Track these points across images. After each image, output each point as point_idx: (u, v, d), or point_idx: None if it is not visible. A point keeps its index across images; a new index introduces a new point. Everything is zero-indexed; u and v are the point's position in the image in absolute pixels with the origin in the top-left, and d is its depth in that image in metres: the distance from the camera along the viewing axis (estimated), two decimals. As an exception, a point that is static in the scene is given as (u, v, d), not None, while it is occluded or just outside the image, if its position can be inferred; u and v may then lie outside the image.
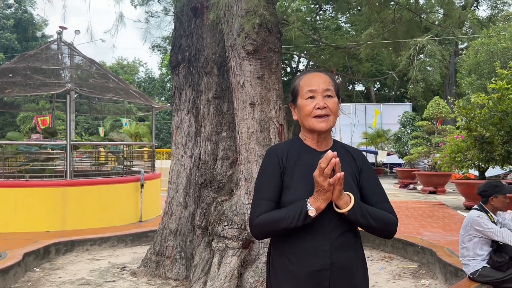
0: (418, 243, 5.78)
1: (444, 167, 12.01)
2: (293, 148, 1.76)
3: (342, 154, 1.72)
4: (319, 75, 1.75)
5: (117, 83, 9.43)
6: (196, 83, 4.96)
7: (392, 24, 5.77)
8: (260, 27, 3.88)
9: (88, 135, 27.51)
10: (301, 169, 1.68)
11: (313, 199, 1.56)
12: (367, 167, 1.79)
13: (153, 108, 10.07)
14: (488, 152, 9.16)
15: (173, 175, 5.02)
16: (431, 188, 15.20)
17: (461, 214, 9.89)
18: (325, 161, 1.49)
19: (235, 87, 4.14)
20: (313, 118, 1.68)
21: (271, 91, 4.12)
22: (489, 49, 16.62)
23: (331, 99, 1.70)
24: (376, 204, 1.69)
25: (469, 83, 17.00)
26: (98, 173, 8.77)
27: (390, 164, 26.45)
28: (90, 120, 31.45)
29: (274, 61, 4.10)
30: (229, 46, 4.06)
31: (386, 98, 35.53)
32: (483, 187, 3.91)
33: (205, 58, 4.84)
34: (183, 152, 4.95)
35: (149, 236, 6.58)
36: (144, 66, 52.07)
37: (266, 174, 1.72)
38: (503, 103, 8.33)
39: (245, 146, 4.10)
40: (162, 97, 42.59)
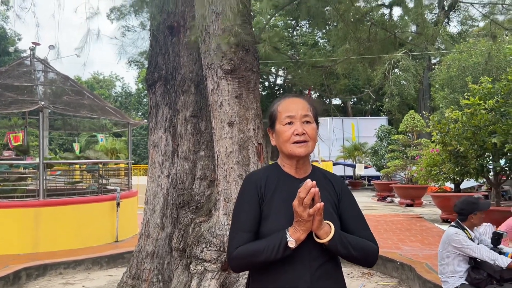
0: (397, 259, 5.79)
1: (420, 180, 12.19)
2: (271, 175, 1.72)
3: (321, 181, 1.69)
4: (298, 101, 1.72)
5: (92, 99, 9.26)
6: (173, 101, 4.89)
7: (367, 42, 5.86)
8: (238, 47, 3.86)
9: (62, 152, 26.92)
10: (280, 198, 1.64)
11: (293, 230, 1.52)
12: (346, 193, 1.77)
13: (129, 125, 9.92)
14: (462, 166, 9.34)
15: (149, 196, 4.90)
16: (408, 201, 15.39)
17: (438, 227, 10.01)
18: (304, 190, 1.45)
19: (212, 106, 4.09)
20: (292, 144, 1.65)
21: (249, 110, 4.08)
22: (460, 64, 17.10)
23: (309, 125, 1.68)
24: (356, 232, 1.67)
25: (443, 97, 17.41)
26: (73, 192, 8.54)
27: (368, 177, 26.75)
28: (64, 136, 30.81)
29: (252, 80, 4.08)
30: (207, 65, 4.03)
31: (362, 111, 36.10)
32: (462, 205, 3.94)
33: (182, 77, 4.78)
34: (160, 172, 4.85)
35: (125, 257, 6.41)
36: (121, 81, 51.64)
37: (244, 204, 1.67)
38: (476, 118, 8.53)
39: (224, 165, 4.04)
40: (139, 112, 42.18)
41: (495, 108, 8.76)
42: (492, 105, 8.65)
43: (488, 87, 9.09)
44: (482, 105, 8.54)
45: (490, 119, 8.60)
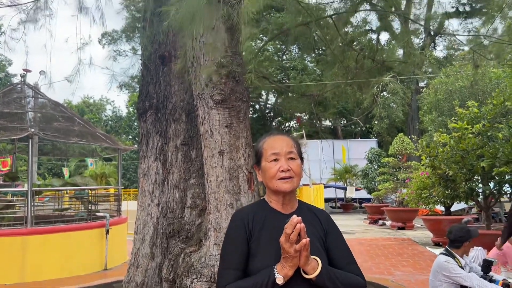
0: (389, 286, 5.76)
1: (411, 203, 12.25)
2: (258, 212, 1.75)
3: (307, 216, 1.73)
4: (282, 138, 1.79)
5: (83, 125, 9.24)
6: (164, 130, 4.90)
7: (355, 70, 5.97)
8: (228, 78, 3.91)
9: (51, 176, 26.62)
10: (267, 235, 1.67)
11: (280, 266, 1.54)
12: (333, 228, 1.80)
13: (119, 150, 9.88)
14: (452, 189, 9.42)
15: (139, 225, 4.85)
16: (400, 224, 15.40)
17: (430, 251, 10.01)
18: (290, 226, 1.48)
19: (203, 135, 4.11)
20: (278, 180, 1.70)
21: (239, 139, 4.11)
22: (447, 88, 17.41)
23: (294, 161, 1.73)
24: (344, 267, 1.69)
25: (431, 120, 17.66)
26: (61, 219, 8.41)
27: (359, 200, 26.76)
28: (54, 160, 30.54)
29: (242, 110, 4.12)
30: (197, 95, 4.07)
31: (352, 133, 36.38)
32: (459, 233, 3.95)
33: (173, 105, 4.81)
34: (150, 201, 4.82)
35: (115, 287, 6.28)
36: (112, 104, 51.55)
37: (232, 242, 1.70)
38: (464, 142, 8.66)
39: (214, 194, 4.03)
40: (129, 135, 42.05)
41: (482, 132, 8.91)
42: (479, 129, 8.80)
43: (475, 111, 9.27)
44: (469, 129, 8.68)
45: (478, 143, 8.73)
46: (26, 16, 4.85)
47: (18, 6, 4.72)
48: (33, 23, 4.73)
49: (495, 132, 8.94)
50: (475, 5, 24.23)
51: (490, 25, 5.22)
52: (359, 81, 6.97)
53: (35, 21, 4.56)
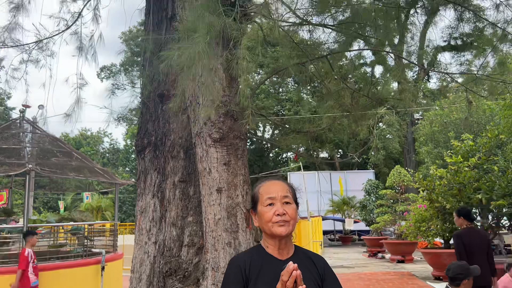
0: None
1: (410, 237, 12.16)
2: (255, 258, 1.77)
3: (303, 262, 1.75)
4: (278, 183, 1.83)
5: (81, 160, 9.25)
6: (162, 166, 4.92)
7: (350, 105, 6.07)
8: (226, 116, 3.98)
9: (46, 210, 26.37)
10: (264, 281, 1.69)
11: None
12: (329, 273, 1.81)
13: (116, 185, 9.85)
14: (450, 223, 9.39)
15: (136, 263, 4.79)
16: (399, 257, 15.23)
17: (430, 286, 9.86)
18: (287, 274, 1.50)
19: (201, 173, 4.14)
20: (274, 224, 1.73)
21: (237, 177, 4.13)
22: (442, 120, 17.62)
23: (289, 205, 1.77)
24: None
25: (427, 152, 17.78)
26: (56, 256, 8.29)
27: (357, 232, 26.51)
28: (50, 194, 30.32)
29: (240, 147, 4.17)
30: (196, 133, 4.12)
31: (349, 165, 36.42)
32: (458, 271, 3.93)
33: (171, 142, 4.85)
34: (147, 239, 4.78)
35: (110, 327, 6.15)
36: (109, 137, 51.67)
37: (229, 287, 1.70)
38: (460, 175, 8.71)
39: (212, 233, 4.02)
40: (126, 167, 41.95)
41: (478, 165, 8.98)
42: (475, 162, 8.87)
43: (470, 144, 9.36)
44: (465, 163, 8.75)
45: (474, 176, 8.79)
46: (28, 55, 4.96)
47: (21, 47, 4.83)
48: (34, 63, 4.82)
49: (491, 165, 9.01)
50: (467, 39, 24.83)
51: (484, 59, 5.36)
52: (354, 114, 7.07)
53: (36, 62, 4.66)
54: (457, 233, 5.59)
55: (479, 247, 5.30)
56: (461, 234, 5.42)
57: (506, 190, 8.32)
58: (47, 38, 4.57)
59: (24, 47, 4.65)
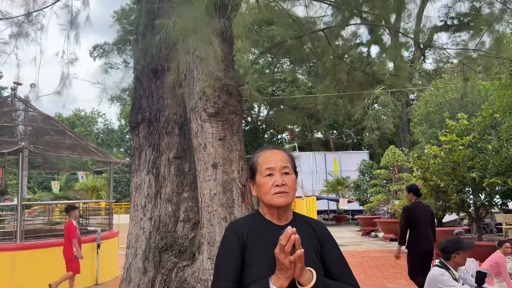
0: (383, 298, 5.74)
1: (403, 215, 12.26)
2: (253, 224, 1.74)
3: (302, 227, 1.72)
4: (277, 153, 1.78)
5: (74, 138, 9.19)
6: (156, 143, 4.88)
7: (346, 82, 6.02)
8: (221, 91, 3.93)
9: (41, 190, 26.30)
10: (262, 246, 1.66)
11: (275, 278, 1.53)
12: (328, 238, 1.79)
13: (111, 164, 9.82)
14: (443, 201, 9.47)
15: (131, 239, 4.80)
16: (392, 235, 15.39)
17: (422, 263, 10.00)
18: (285, 238, 1.48)
19: (196, 148, 4.10)
20: (272, 195, 1.69)
21: (233, 152, 4.11)
22: (437, 100, 17.61)
23: (289, 176, 1.73)
24: (340, 278, 1.68)
25: (422, 132, 17.80)
26: (51, 234, 8.30)
27: (351, 211, 26.76)
28: (44, 173, 30.22)
29: (236, 123, 4.13)
30: (191, 108, 4.07)
31: (344, 146, 36.51)
32: (445, 244, 3.97)
33: (166, 118, 4.80)
34: (142, 215, 4.78)
35: (106, 302, 6.20)
36: (103, 117, 51.35)
37: (226, 254, 1.68)
38: (454, 154, 8.74)
39: (208, 208, 4.01)
40: (121, 148, 41.81)
41: (473, 144, 9.01)
42: (469, 141, 8.89)
43: (465, 123, 9.37)
44: (459, 142, 8.77)
45: (468, 155, 8.82)
46: (17, 29, 4.85)
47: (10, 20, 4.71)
48: (24, 37, 4.71)
49: (485, 144, 9.04)
50: (463, 19, 24.67)
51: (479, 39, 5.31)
52: (350, 94, 7.04)
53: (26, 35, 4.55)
54: (406, 206, 6.58)
55: (424, 218, 6.30)
56: (410, 207, 6.44)
57: (499, 169, 8.37)
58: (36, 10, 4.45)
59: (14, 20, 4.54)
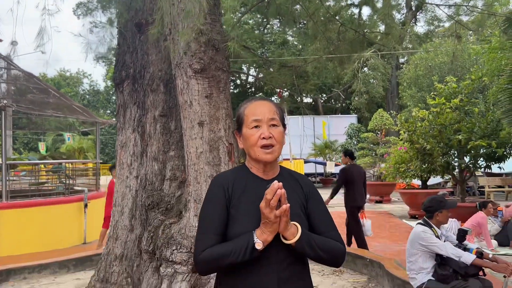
0: (367, 255, 5.88)
1: (389, 178, 12.46)
2: (239, 177, 1.71)
3: (289, 182, 1.70)
4: (264, 104, 1.72)
5: (59, 98, 8.99)
6: (141, 100, 4.78)
7: (336, 42, 5.91)
8: (207, 46, 3.81)
9: (27, 151, 26.04)
10: (247, 200, 1.63)
11: (260, 232, 1.52)
12: (314, 194, 1.78)
13: (97, 124, 9.68)
14: (429, 163, 9.59)
15: (118, 197, 4.78)
16: (378, 198, 15.70)
17: (406, 223, 10.25)
18: (271, 192, 1.45)
19: (182, 106, 4.02)
20: (259, 149, 1.65)
21: (220, 110, 4.04)
22: (427, 64, 17.54)
23: (276, 128, 1.68)
24: (324, 233, 1.67)
25: (410, 95, 17.83)
26: (38, 193, 8.26)
27: (338, 175, 27.08)
28: (29, 135, 29.84)
29: (223, 80, 4.04)
30: (176, 64, 3.96)
31: (333, 109, 36.55)
32: (429, 203, 4.03)
33: (150, 75, 4.68)
34: (128, 173, 4.74)
35: (94, 260, 6.24)
36: (89, 78, 50.30)
37: (210, 206, 1.65)
38: (442, 116, 8.78)
39: (194, 166, 3.98)
40: (107, 110, 41.29)
41: (460, 107, 9.05)
42: (457, 104, 8.92)
43: (453, 86, 9.36)
44: (447, 105, 8.79)
45: (455, 118, 8.87)
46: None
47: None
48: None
49: (472, 107, 9.09)
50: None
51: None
52: (340, 56, 6.94)
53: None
54: (343, 168, 7.58)
55: (359, 178, 7.26)
56: (346, 169, 7.42)
57: (485, 131, 8.46)
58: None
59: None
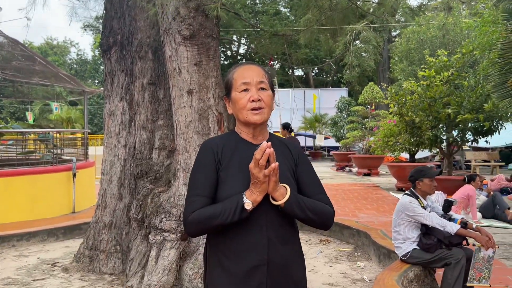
0: (353, 226, 5.97)
1: (377, 151, 12.56)
2: (228, 141, 1.71)
3: (278, 146, 1.70)
4: (253, 68, 1.71)
5: (45, 65, 8.80)
6: (129, 68, 4.70)
7: (329, 11, 5.82)
8: (196, 11, 3.72)
9: (14, 121, 25.66)
10: (237, 163, 1.64)
11: (249, 192, 1.53)
12: (303, 158, 1.79)
13: (85, 93, 9.53)
14: (417, 136, 9.67)
15: (106, 166, 4.76)
16: (366, 171, 15.87)
17: (393, 196, 10.40)
18: (260, 152, 1.46)
19: (171, 73, 3.96)
20: (248, 111, 1.64)
21: (209, 79, 3.99)
22: (419, 37, 17.43)
23: (265, 91, 1.67)
24: (313, 196, 1.68)
25: (401, 69, 17.78)
26: (26, 163, 8.19)
27: (327, 148, 27.24)
28: (16, 104, 29.34)
29: (212, 47, 3.97)
30: (164, 30, 3.87)
31: (324, 83, 36.41)
32: (410, 173, 4.09)
33: (138, 42, 4.59)
34: (117, 142, 4.71)
35: (83, 228, 6.26)
36: (76, 47, 49.28)
37: (200, 169, 1.65)
38: (432, 90, 8.79)
39: (183, 135, 3.96)
40: (95, 80, 40.65)
41: (450, 81, 9.05)
42: (447, 77, 8.92)
43: (444, 60, 9.34)
44: (437, 78, 8.79)
45: (445, 91, 8.89)
46: None
47: None
48: None
49: (462, 81, 9.10)
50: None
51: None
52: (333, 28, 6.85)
53: None
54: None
55: None
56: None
57: (473, 105, 8.51)
58: None
59: None
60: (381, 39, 24.51)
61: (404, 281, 3.62)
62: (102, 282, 4.39)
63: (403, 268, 3.88)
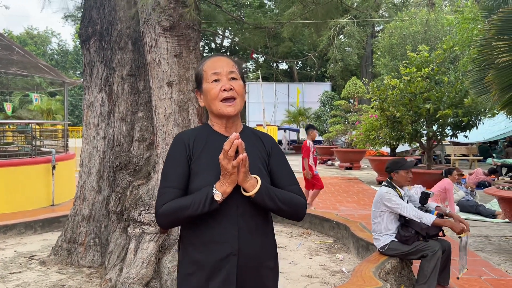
0: (333, 218, 6.03)
1: (359, 145, 12.68)
2: (201, 134, 1.71)
3: (250, 138, 1.72)
4: (222, 59, 1.72)
5: (23, 55, 8.61)
6: (108, 59, 4.64)
7: (312, 5, 5.82)
8: (177, 2, 3.68)
9: (-8, 112, 25.06)
10: (208, 155, 1.64)
11: (219, 184, 1.53)
12: (276, 150, 1.79)
13: (65, 84, 9.37)
14: (398, 131, 9.79)
15: (84, 158, 4.70)
16: (348, 164, 16.02)
17: (373, 189, 10.54)
18: (228, 143, 1.46)
19: (150, 65, 3.92)
20: (221, 102, 1.65)
21: (189, 70, 3.96)
22: (401, 32, 17.60)
23: (236, 81, 1.68)
24: (285, 187, 1.69)
25: (384, 64, 17.95)
26: (3, 154, 8.03)
27: (311, 141, 27.36)
28: (-6, 94, 28.61)
29: (193, 39, 3.94)
30: (144, 21, 3.82)
31: (308, 77, 36.51)
32: (387, 165, 4.16)
33: (118, 32, 4.52)
34: (96, 134, 4.65)
35: (61, 221, 6.18)
36: (57, 37, 48.32)
37: (172, 162, 1.65)
38: (412, 85, 8.89)
39: (163, 127, 3.92)
40: (77, 71, 39.99)
41: (431, 76, 9.17)
42: (428, 73, 9.04)
43: (425, 55, 9.45)
44: (418, 74, 8.89)
45: (426, 87, 9.01)
46: None
47: None
48: None
49: (442, 76, 9.23)
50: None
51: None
52: (317, 22, 6.85)
53: None
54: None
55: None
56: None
57: (453, 101, 8.64)
58: None
59: None
60: (364, 34, 24.68)
61: (381, 272, 3.68)
62: (80, 275, 4.35)
63: (380, 260, 3.94)
